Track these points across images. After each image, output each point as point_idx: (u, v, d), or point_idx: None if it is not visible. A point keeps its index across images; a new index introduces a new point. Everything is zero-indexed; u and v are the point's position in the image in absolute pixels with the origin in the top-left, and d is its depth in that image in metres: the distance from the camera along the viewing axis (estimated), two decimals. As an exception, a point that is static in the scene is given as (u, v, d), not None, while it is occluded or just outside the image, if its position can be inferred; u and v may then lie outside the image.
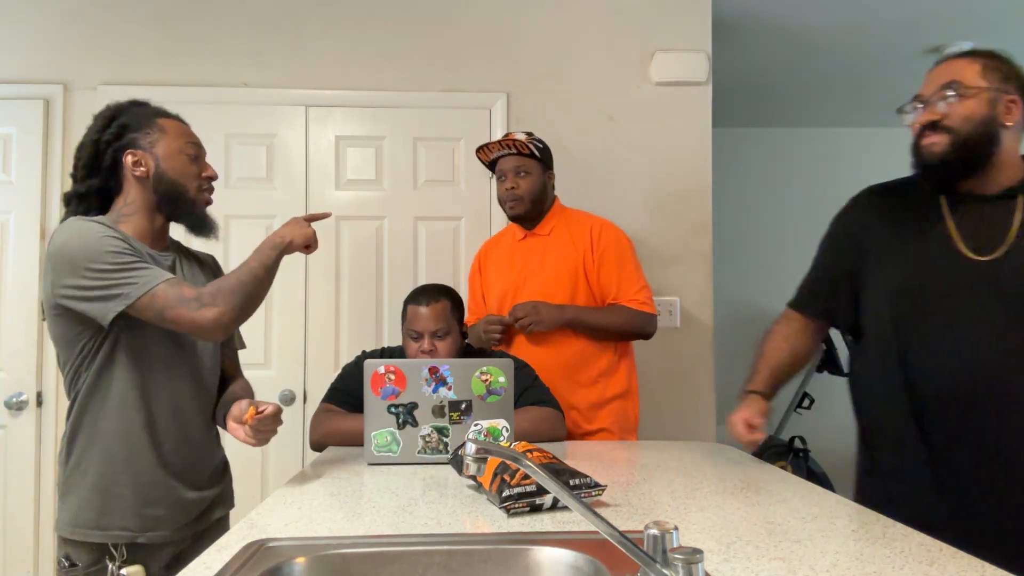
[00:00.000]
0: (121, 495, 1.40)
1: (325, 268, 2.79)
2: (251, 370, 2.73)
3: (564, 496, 0.79)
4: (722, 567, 0.87)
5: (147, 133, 1.46)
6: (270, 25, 2.82)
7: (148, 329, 1.40)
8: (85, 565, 1.38)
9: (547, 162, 2.24)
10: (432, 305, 1.87)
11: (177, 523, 1.46)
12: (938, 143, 1.41)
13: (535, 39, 2.88)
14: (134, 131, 1.46)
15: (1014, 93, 1.40)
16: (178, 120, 1.53)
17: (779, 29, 3.33)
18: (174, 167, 1.47)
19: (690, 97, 2.87)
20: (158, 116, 1.50)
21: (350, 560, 0.94)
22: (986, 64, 1.41)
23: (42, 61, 2.75)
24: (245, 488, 2.67)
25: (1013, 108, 1.39)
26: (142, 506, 1.41)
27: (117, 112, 1.48)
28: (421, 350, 1.85)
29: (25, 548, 2.63)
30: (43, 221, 2.70)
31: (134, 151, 1.45)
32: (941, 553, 0.91)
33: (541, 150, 2.20)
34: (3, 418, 2.65)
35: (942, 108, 1.41)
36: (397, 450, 1.52)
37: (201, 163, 1.52)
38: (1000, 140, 1.39)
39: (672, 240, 2.51)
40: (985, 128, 1.39)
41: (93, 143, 1.46)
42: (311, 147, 2.82)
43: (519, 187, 2.17)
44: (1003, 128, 1.39)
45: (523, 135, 2.21)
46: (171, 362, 1.46)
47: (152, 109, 1.52)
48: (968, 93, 1.39)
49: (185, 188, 1.48)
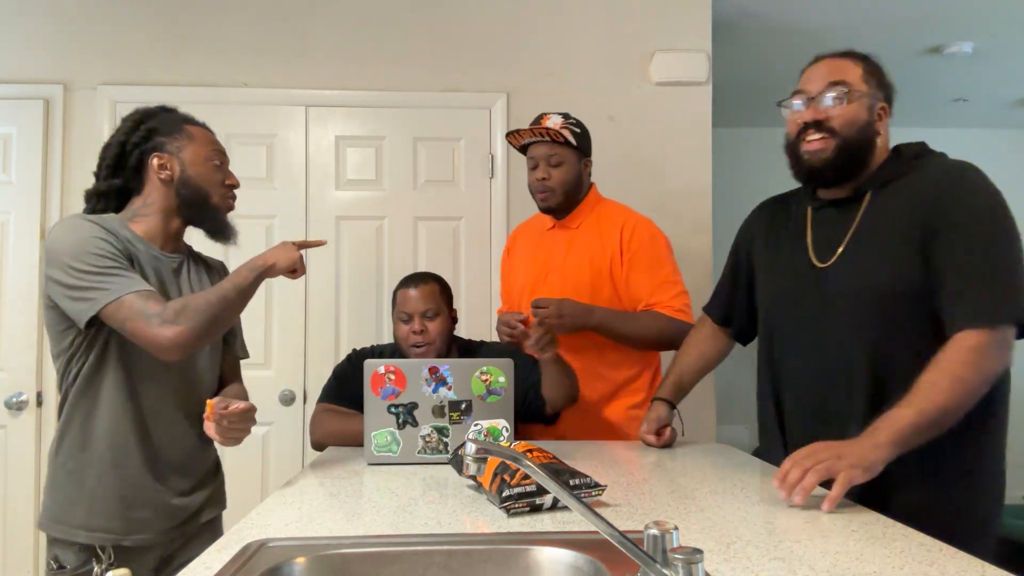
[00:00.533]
0: (107, 497, 1.40)
1: (325, 268, 2.79)
2: (251, 370, 2.73)
3: (564, 496, 0.79)
4: (722, 567, 0.87)
5: (175, 138, 1.49)
6: (270, 25, 2.82)
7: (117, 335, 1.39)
8: (73, 567, 1.38)
9: (584, 149, 2.02)
10: (421, 287, 1.88)
11: (163, 526, 1.45)
12: (824, 148, 1.38)
13: (535, 39, 2.88)
14: (163, 135, 1.48)
15: (883, 101, 1.43)
16: (205, 128, 1.56)
17: (779, 29, 3.33)
18: (199, 173, 1.50)
19: (690, 97, 2.87)
20: (186, 123, 1.53)
21: (350, 560, 0.94)
22: (866, 68, 1.42)
23: (42, 61, 2.75)
24: (245, 488, 2.68)
25: (883, 115, 1.42)
26: (128, 509, 1.41)
27: (146, 116, 1.51)
28: (412, 331, 1.85)
29: (25, 548, 2.63)
30: (43, 221, 2.71)
31: (161, 154, 1.47)
32: (941, 553, 0.91)
33: (578, 135, 1.98)
34: (3, 418, 2.65)
35: (829, 107, 1.38)
36: (397, 450, 1.52)
37: (225, 171, 1.56)
38: (873, 143, 1.40)
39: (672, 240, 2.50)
40: (865, 134, 1.39)
41: (120, 144, 1.48)
42: (311, 147, 2.82)
43: (551, 177, 1.97)
44: (876, 135, 1.41)
45: (559, 119, 1.99)
46: (162, 365, 1.44)
47: (181, 115, 1.54)
48: (854, 96, 1.38)
49: (209, 194, 1.51)
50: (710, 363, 1.79)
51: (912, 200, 1.32)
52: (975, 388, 1.20)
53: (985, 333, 1.22)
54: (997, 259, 1.25)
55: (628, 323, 1.93)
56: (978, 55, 3.69)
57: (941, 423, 1.18)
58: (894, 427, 1.16)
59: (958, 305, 1.25)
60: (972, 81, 4.12)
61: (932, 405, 1.18)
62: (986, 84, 4.17)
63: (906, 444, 1.16)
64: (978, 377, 1.21)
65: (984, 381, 1.21)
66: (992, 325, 1.22)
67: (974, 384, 1.20)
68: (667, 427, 1.71)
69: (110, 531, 1.39)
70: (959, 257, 1.26)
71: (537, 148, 1.99)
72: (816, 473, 1.12)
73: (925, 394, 1.19)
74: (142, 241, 1.45)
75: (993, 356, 1.22)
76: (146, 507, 1.43)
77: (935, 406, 1.18)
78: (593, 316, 1.89)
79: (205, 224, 1.54)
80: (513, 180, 2.80)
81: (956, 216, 1.28)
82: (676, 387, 1.76)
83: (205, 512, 1.55)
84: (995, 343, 1.22)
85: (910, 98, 4.42)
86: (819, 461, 1.13)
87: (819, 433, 1.26)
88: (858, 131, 1.38)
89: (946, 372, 1.20)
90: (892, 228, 1.33)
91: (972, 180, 1.32)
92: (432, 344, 1.85)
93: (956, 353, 1.22)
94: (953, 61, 3.77)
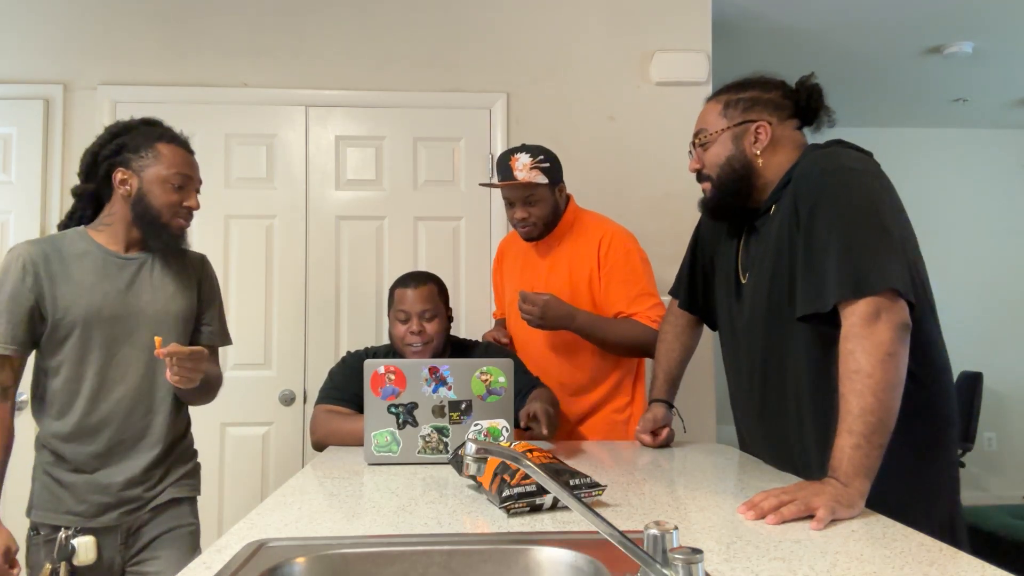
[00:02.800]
0: (68, 486, 1.58)
1: (325, 268, 2.79)
2: (251, 370, 2.77)
3: (564, 496, 0.79)
4: (722, 567, 0.87)
5: (141, 156, 1.58)
6: (270, 25, 2.82)
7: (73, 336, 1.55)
8: (46, 533, 1.58)
9: (556, 179, 2.05)
10: (419, 288, 1.88)
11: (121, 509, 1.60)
12: (706, 189, 1.48)
13: (535, 39, 2.88)
14: (130, 151, 1.58)
15: (765, 115, 1.41)
16: (180, 147, 1.63)
17: (779, 29, 3.33)
18: (154, 193, 1.58)
19: (690, 97, 2.86)
20: (161, 140, 1.60)
21: (350, 560, 0.94)
22: (728, 100, 1.45)
23: (42, 61, 2.75)
24: (245, 488, 2.68)
25: (761, 133, 1.40)
26: (88, 494, 1.57)
27: (123, 130, 1.62)
28: (410, 331, 1.85)
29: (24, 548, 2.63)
30: (43, 221, 2.71)
31: (124, 170, 1.58)
32: (941, 553, 0.91)
33: (548, 170, 2.01)
34: (3, 418, 2.65)
35: (698, 155, 1.48)
36: (397, 450, 1.52)
37: (185, 193, 1.62)
38: (755, 168, 1.41)
39: (672, 240, 2.51)
40: (733, 166, 1.42)
41: (93, 154, 1.61)
42: (311, 147, 2.82)
43: (530, 216, 2.04)
44: (755, 157, 1.41)
45: (527, 158, 2.00)
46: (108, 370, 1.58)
47: (158, 132, 1.62)
48: (711, 139, 1.44)
49: (159, 214, 1.59)
50: (691, 351, 1.83)
51: (789, 210, 1.32)
52: (885, 370, 1.13)
53: (860, 306, 1.16)
54: (851, 237, 1.20)
55: (608, 328, 2.01)
56: (978, 55, 3.69)
57: (884, 420, 1.13)
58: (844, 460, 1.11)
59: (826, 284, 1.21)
60: (972, 81, 4.12)
61: (863, 415, 1.12)
62: (986, 84, 4.17)
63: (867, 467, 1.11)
64: (877, 358, 1.13)
65: (888, 355, 1.13)
66: (860, 295, 1.17)
67: (882, 367, 1.13)
68: (665, 428, 1.72)
69: (77, 515, 1.57)
70: (817, 242, 1.23)
71: (511, 191, 2.04)
72: (795, 506, 1.06)
73: (848, 409, 1.14)
74: (100, 248, 1.60)
75: (880, 328, 1.15)
76: (105, 493, 1.58)
77: (865, 412, 1.12)
78: (575, 320, 1.97)
79: (153, 240, 1.62)
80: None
81: (806, 216, 1.26)
82: (668, 384, 1.77)
83: (167, 493, 1.65)
84: (872, 313, 1.15)
85: (910, 98, 4.43)
86: (795, 498, 1.07)
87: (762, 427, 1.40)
88: (724, 168, 1.43)
89: (851, 374, 1.15)
90: (776, 240, 1.35)
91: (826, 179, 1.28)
92: (429, 344, 1.86)
93: (847, 352, 1.16)
94: (953, 61, 3.77)
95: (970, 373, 4.47)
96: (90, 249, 1.59)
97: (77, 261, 1.57)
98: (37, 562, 1.57)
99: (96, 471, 1.59)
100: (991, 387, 4.70)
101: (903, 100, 4.46)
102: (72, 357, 1.56)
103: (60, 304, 1.54)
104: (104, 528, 1.58)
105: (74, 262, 1.56)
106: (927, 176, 4.99)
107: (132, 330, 1.59)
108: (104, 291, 1.57)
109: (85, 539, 1.54)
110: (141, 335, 1.60)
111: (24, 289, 1.52)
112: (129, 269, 1.61)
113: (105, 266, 1.58)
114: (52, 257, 1.55)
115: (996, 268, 4.99)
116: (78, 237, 1.60)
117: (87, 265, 1.57)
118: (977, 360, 4.61)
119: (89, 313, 1.55)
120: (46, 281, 1.53)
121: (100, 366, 1.57)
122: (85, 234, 1.60)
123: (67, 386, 1.58)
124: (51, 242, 1.58)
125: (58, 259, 1.55)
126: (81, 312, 1.54)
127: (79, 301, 1.54)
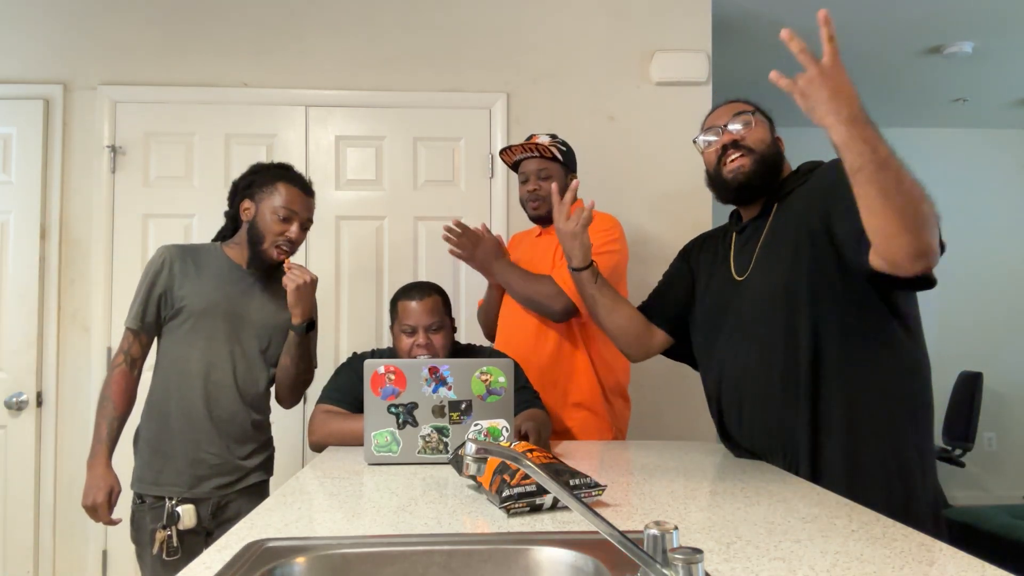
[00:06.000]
0: (173, 459, 1.81)
1: (325, 268, 2.78)
2: (251, 370, 2.75)
3: (564, 496, 0.79)
4: (722, 567, 0.87)
5: (264, 190, 1.88)
6: (270, 25, 2.82)
7: (189, 323, 1.83)
8: (151, 502, 1.81)
9: (570, 165, 2.22)
10: (424, 300, 1.88)
11: (213, 483, 1.83)
12: (744, 164, 1.54)
13: (535, 39, 2.88)
14: (257, 187, 1.89)
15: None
16: (296, 187, 1.90)
17: (779, 29, 3.31)
18: (264, 221, 1.86)
19: (690, 97, 2.86)
20: (282, 180, 1.89)
21: (350, 560, 0.94)
22: (756, 109, 1.59)
23: (42, 61, 2.75)
24: (245, 488, 2.68)
25: (780, 144, 1.60)
26: (189, 467, 1.81)
27: (259, 169, 1.94)
28: (416, 344, 1.85)
29: (25, 548, 2.63)
30: (43, 221, 2.71)
31: (249, 200, 1.90)
32: (941, 553, 0.91)
33: (564, 153, 2.19)
34: (3, 418, 2.65)
35: (740, 130, 1.55)
36: (397, 450, 1.52)
37: (288, 225, 1.87)
38: (783, 163, 1.58)
39: (672, 240, 2.50)
40: (774, 150, 1.57)
41: (234, 184, 1.96)
42: (311, 147, 2.82)
43: (541, 189, 2.15)
44: (782, 158, 1.58)
45: (547, 138, 2.20)
46: (211, 352, 1.84)
47: (281, 173, 1.92)
48: (758, 120, 1.57)
49: (263, 239, 1.86)
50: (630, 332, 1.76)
51: (806, 202, 1.46)
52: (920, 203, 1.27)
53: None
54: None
55: (519, 281, 2.10)
56: (978, 55, 3.69)
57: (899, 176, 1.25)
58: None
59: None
60: (972, 81, 4.12)
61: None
62: (986, 84, 4.17)
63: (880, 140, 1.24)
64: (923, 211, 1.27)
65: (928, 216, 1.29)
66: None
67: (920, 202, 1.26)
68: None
69: (177, 485, 1.80)
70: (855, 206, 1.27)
71: (528, 164, 2.18)
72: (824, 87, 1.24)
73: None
74: (227, 260, 1.91)
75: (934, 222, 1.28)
76: (203, 465, 1.82)
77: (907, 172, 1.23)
78: (494, 265, 2.14)
79: (255, 260, 1.89)
80: (513, 180, 2.78)
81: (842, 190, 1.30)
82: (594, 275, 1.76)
83: (252, 476, 1.90)
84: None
85: (910, 98, 4.42)
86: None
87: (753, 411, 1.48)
88: (768, 147, 1.55)
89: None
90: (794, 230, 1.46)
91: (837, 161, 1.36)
92: (436, 357, 1.85)
93: None
94: (953, 61, 3.77)
95: (970, 373, 4.47)
96: (219, 259, 1.91)
97: (207, 266, 1.88)
98: (143, 525, 1.80)
99: (195, 449, 1.82)
100: (991, 387, 4.69)
101: (903, 100, 4.45)
102: (186, 341, 1.83)
103: (184, 296, 1.83)
104: (199, 499, 1.81)
105: (204, 266, 1.88)
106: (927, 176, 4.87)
107: (238, 330, 1.87)
108: (224, 293, 1.86)
109: (187, 506, 1.78)
110: (245, 336, 1.88)
111: (159, 280, 1.84)
112: (246, 280, 1.91)
113: (228, 273, 1.89)
114: (188, 259, 1.87)
115: (996, 268, 4.98)
116: (213, 249, 1.94)
117: (213, 270, 1.88)
118: (977, 360, 4.60)
119: (208, 306, 1.83)
120: (178, 276, 1.84)
121: (206, 353, 1.84)
122: (219, 248, 1.93)
123: (176, 366, 1.84)
124: (192, 248, 1.93)
125: (193, 261, 1.87)
126: (201, 304, 1.83)
127: (201, 295, 1.83)
